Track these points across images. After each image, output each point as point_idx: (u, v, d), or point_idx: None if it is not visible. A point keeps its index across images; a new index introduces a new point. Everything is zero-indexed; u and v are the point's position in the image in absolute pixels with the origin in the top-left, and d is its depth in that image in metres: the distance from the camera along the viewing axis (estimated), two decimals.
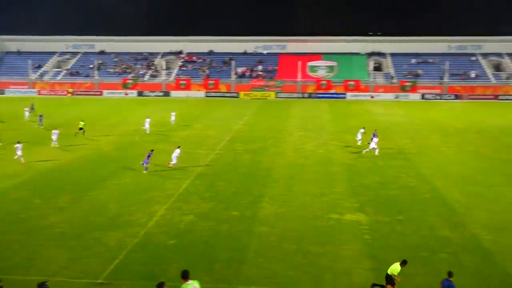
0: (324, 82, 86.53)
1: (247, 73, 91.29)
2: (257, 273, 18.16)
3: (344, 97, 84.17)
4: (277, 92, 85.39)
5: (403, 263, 16.36)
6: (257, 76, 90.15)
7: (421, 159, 36.64)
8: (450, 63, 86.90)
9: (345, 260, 19.26)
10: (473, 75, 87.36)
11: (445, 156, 37.43)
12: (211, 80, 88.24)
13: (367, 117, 60.12)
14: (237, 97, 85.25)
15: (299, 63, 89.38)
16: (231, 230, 22.20)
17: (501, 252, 20.01)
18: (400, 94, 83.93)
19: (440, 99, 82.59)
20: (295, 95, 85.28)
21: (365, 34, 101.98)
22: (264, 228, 22.55)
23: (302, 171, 33.19)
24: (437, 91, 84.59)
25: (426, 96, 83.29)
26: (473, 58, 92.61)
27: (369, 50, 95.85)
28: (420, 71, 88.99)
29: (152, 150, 32.54)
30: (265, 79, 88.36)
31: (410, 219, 23.83)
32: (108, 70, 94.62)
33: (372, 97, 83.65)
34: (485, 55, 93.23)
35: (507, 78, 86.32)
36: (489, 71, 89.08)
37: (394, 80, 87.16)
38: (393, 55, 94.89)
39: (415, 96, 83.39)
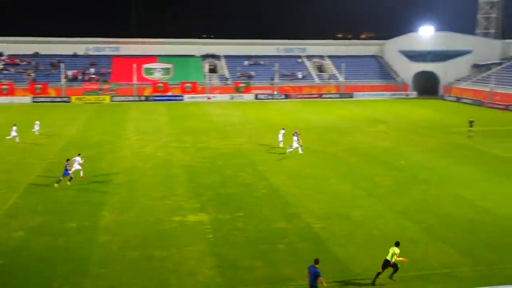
0: (160, 84, 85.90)
1: (79, 77, 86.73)
2: (100, 285, 17.49)
3: (181, 99, 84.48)
4: (112, 96, 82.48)
5: (397, 244, 17.91)
6: (90, 80, 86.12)
7: (257, 157, 38.45)
8: (279, 64, 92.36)
9: (189, 261, 19.48)
10: (300, 75, 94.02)
11: (279, 153, 39.71)
12: (38, 84, 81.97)
13: (205, 118, 61.23)
14: (68, 102, 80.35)
15: (134, 65, 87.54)
16: (69, 243, 21.02)
17: (330, 238, 22.04)
18: (235, 95, 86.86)
19: (272, 98, 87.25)
20: (132, 98, 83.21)
21: (199, 36, 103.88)
22: (105, 237, 21.77)
23: (143, 174, 32.70)
24: (269, 91, 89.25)
25: (259, 96, 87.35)
26: (299, 60, 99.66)
27: (203, 53, 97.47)
28: (252, 73, 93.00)
29: (68, 160, 30.10)
30: (98, 83, 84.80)
31: (250, 215, 24.94)
32: None
33: (209, 98, 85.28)
34: (309, 57, 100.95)
35: (329, 78, 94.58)
36: (313, 72, 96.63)
37: (229, 82, 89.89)
38: (226, 57, 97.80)
39: (249, 97, 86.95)
